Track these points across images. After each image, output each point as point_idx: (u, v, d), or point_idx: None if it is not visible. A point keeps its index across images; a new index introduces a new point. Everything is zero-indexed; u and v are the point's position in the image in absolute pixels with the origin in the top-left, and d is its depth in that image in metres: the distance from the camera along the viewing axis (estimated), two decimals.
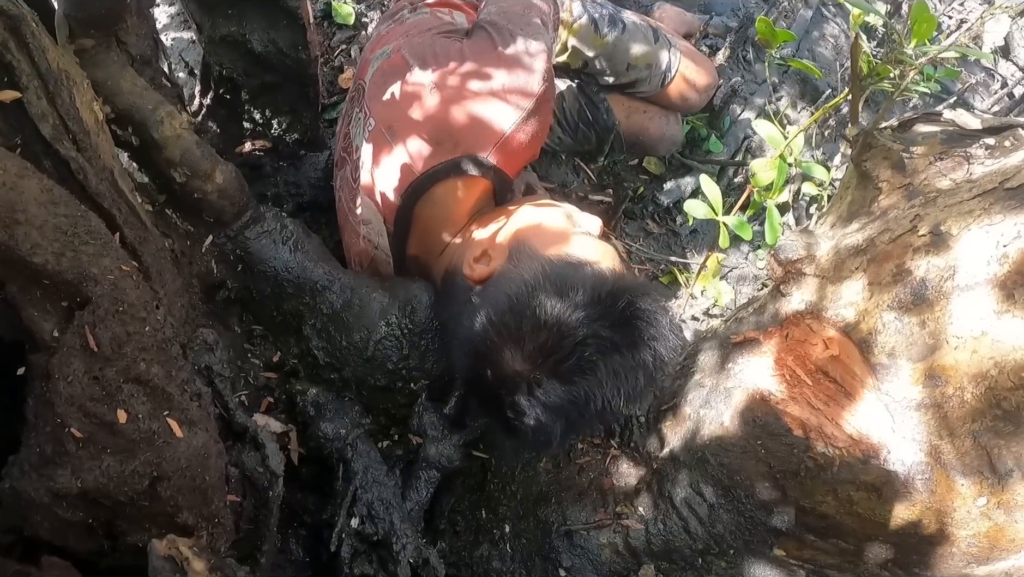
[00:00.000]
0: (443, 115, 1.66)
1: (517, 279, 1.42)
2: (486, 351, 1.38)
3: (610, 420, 1.68)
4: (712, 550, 1.59)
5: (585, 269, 1.43)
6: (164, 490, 1.05)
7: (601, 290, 1.33)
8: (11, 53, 1.19)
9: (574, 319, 1.30)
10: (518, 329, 1.34)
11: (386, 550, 1.66)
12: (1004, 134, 1.34)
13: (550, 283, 1.36)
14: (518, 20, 1.78)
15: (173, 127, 1.68)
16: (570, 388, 1.32)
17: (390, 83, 1.74)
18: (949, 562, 1.30)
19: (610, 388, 1.32)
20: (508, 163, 1.71)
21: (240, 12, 1.92)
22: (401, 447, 1.93)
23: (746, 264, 2.61)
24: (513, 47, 1.70)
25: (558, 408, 1.33)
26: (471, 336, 1.43)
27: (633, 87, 2.38)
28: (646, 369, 1.34)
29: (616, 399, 1.33)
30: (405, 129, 1.69)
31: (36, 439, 1.01)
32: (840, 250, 1.44)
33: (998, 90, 3.23)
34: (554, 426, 1.35)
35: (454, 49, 1.73)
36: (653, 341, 1.34)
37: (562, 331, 1.30)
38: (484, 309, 1.41)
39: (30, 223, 1.03)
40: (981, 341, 1.14)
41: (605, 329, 1.31)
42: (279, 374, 1.92)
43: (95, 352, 1.00)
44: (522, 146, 1.69)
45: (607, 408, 1.33)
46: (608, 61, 2.29)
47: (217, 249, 1.85)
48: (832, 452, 1.33)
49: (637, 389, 1.35)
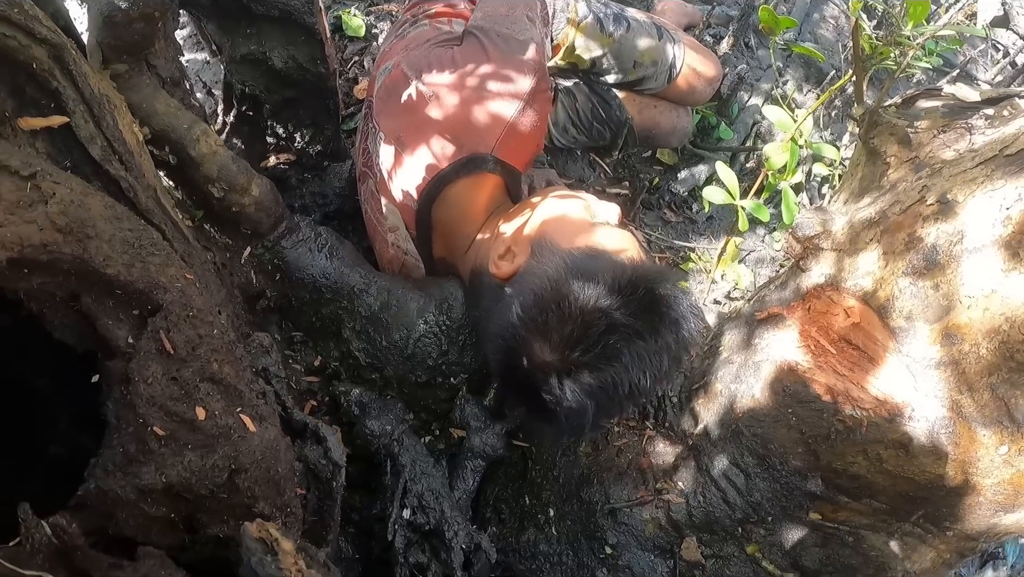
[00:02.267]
0: (443, 120, 1.74)
1: (540, 274, 1.49)
2: (516, 345, 1.45)
3: (640, 401, 1.73)
4: (751, 518, 1.66)
5: (605, 259, 1.50)
6: (242, 482, 1.12)
7: (621, 279, 1.40)
8: (56, 80, 1.26)
9: (596, 309, 1.37)
10: (544, 322, 1.40)
11: (438, 539, 1.73)
12: (1002, 104, 1.41)
13: (572, 275, 1.42)
14: (504, 20, 1.88)
15: (209, 144, 1.77)
16: (598, 374, 1.38)
17: (393, 97, 1.83)
18: (977, 513, 1.37)
19: (636, 372, 1.38)
20: (513, 156, 1.79)
21: (259, 31, 1.99)
22: (443, 441, 2.01)
23: (763, 246, 2.67)
24: (501, 47, 1.79)
25: (589, 393, 1.39)
26: (501, 332, 1.50)
27: (641, 84, 2.44)
28: (670, 351, 1.40)
29: (643, 381, 1.39)
30: (411, 139, 1.78)
31: (119, 440, 1.09)
32: (854, 224, 1.50)
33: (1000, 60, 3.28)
34: (586, 411, 1.41)
35: (447, 57, 1.81)
36: (674, 324, 1.40)
37: (586, 321, 1.37)
38: (512, 306, 1.48)
39: (100, 237, 1.11)
40: (992, 299, 1.20)
41: (627, 316, 1.37)
42: (321, 377, 2.00)
43: (171, 355, 1.08)
44: (524, 138, 1.77)
45: (635, 390, 1.39)
46: (615, 59, 2.36)
47: (256, 260, 1.93)
48: (860, 414, 1.40)
49: (663, 370, 1.41)
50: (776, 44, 2.92)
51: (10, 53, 1.15)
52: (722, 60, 2.94)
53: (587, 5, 2.32)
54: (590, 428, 1.46)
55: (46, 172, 1.11)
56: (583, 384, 1.38)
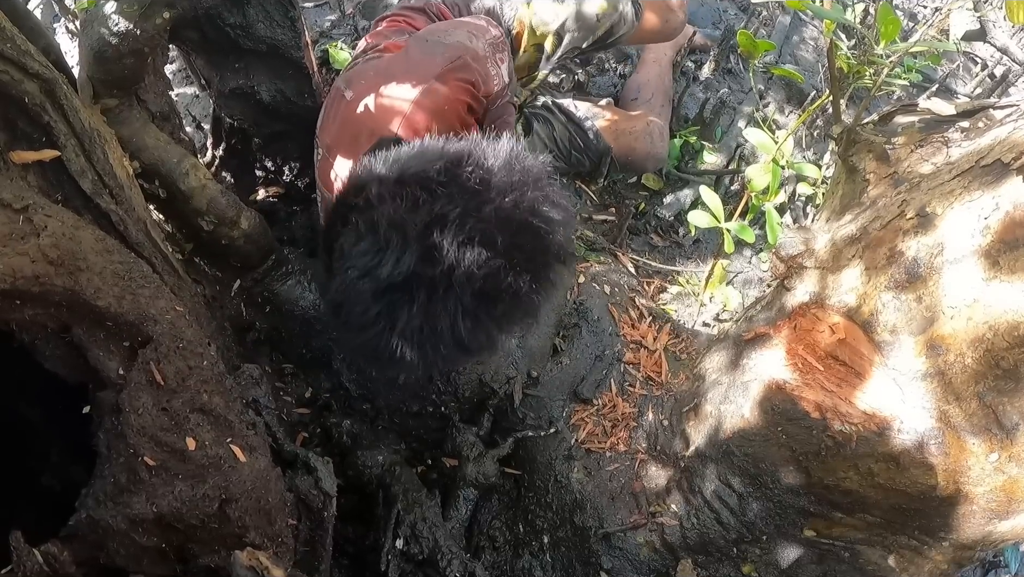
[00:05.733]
0: (358, 115, 1.78)
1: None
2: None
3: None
4: (746, 538, 1.66)
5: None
6: (233, 511, 1.12)
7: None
8: (48, 114, 1.27)
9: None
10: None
11: (432, 568, 1.72)
12: (977, 116, 1.44)
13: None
14: (438, 33, 1.91)
15: (198, 178, 1.78)
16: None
17: (328, 112, 1.88)
18: (972, 521, 1.37)
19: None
20: (420, 134, 1.73)
21: (247, 65, 2.02)
22: (435, 471, 2.01)
23: (750, 268, 2.69)
24: (423, 48, 1.82)
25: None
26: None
27: (612, 35, 2.37)
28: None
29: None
30: (338, 143, 1.82)
31: (110, 469, 1.09)
32: (836, 241, 1.52)
33: (979, 72, 3.33)
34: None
35: (371, 66, 1.87)
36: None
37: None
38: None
39: (91, 269, 1.12)
40: (974, 308, 1.22)
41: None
42: (312, 409, 2.00)
43: (162, 386, 1.09)
44: (428, 116, 1.76)
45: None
46: (578, 23, 2.30)
47: (245, 292, 1.94)
48: (849, 429, 1.41)
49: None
50: (756, 67, 2.96)
51: (3, 87, 1.16)
52: (704, 85, 2.98)
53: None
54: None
55: (38, 205, 1.12)
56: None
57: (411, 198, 1.22)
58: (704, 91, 2.93)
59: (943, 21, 2.62)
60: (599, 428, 1.97)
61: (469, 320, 1.24)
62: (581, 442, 1.94)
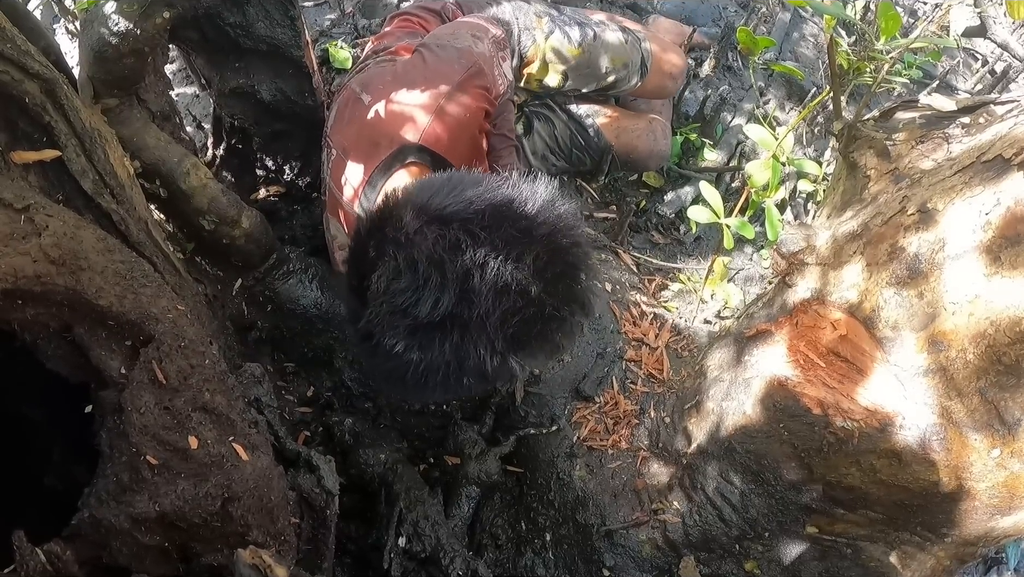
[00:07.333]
0: (377, 120, 1.80)
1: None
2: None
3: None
4: (748, 535, 1.66)
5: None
6: (235, 510, 1.12)
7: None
8: (49, 114, 1.27)
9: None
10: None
11: (435, 566, 1.72)
12: (978, 112, 1.43)
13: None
14: (446, 37, 1.95)
15: (199, 177, 1.78)
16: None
17: (343, 114, 1.89)
18: (974, 517, 1.37)
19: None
20: (441, 144, 1.81)
21: (247, 64, 2.02)
22: (437, 469, 2.01)
23: (751, 265, 2.69)
24: (438, 53, 1.87)
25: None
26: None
27: (615, 87, 2.45)
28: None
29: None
30: (354, 145, 1.83)
31: (113, 469, 1.09)
32: (838, 238, 1.52)
33: (979, 68, 3.33)
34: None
35: (388, 70, 1.89)
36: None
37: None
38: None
39: (93, 269, 1.12)
40: (976, 304, 1.22)
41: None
42: (314, 408, 2.01)
43: (163, 384, 1.09)
44: (451, 126, 1.80)
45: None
46: (587, 68, 2.36)
47: (247, 291, 1.94)
48: (851, 425, 1.41)
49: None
50: (756, 64, 2.96)
51: (3, 88, 1.16)
52: (704, 82, 2.98)
53: (551, 21, 2.32)
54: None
55: (39, 205, 1.12)
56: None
57: (452, 238, 1.24)
58: (704, 88, 2.93)
59: (943, 17, 2.62)
60: (601, 426, 1.97)
61: (497, 359, 1.29)
62: (583, 440, 1.94)
